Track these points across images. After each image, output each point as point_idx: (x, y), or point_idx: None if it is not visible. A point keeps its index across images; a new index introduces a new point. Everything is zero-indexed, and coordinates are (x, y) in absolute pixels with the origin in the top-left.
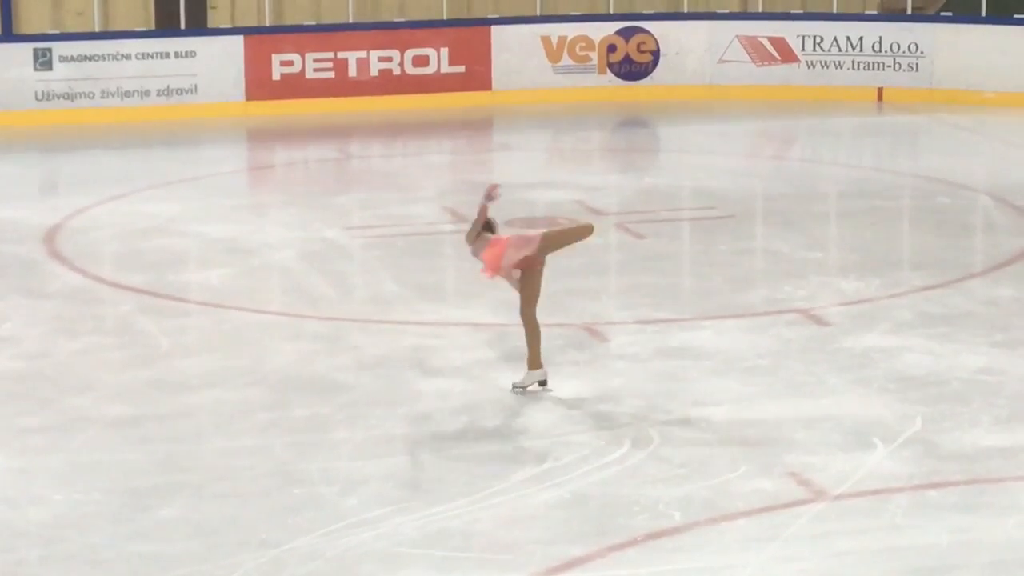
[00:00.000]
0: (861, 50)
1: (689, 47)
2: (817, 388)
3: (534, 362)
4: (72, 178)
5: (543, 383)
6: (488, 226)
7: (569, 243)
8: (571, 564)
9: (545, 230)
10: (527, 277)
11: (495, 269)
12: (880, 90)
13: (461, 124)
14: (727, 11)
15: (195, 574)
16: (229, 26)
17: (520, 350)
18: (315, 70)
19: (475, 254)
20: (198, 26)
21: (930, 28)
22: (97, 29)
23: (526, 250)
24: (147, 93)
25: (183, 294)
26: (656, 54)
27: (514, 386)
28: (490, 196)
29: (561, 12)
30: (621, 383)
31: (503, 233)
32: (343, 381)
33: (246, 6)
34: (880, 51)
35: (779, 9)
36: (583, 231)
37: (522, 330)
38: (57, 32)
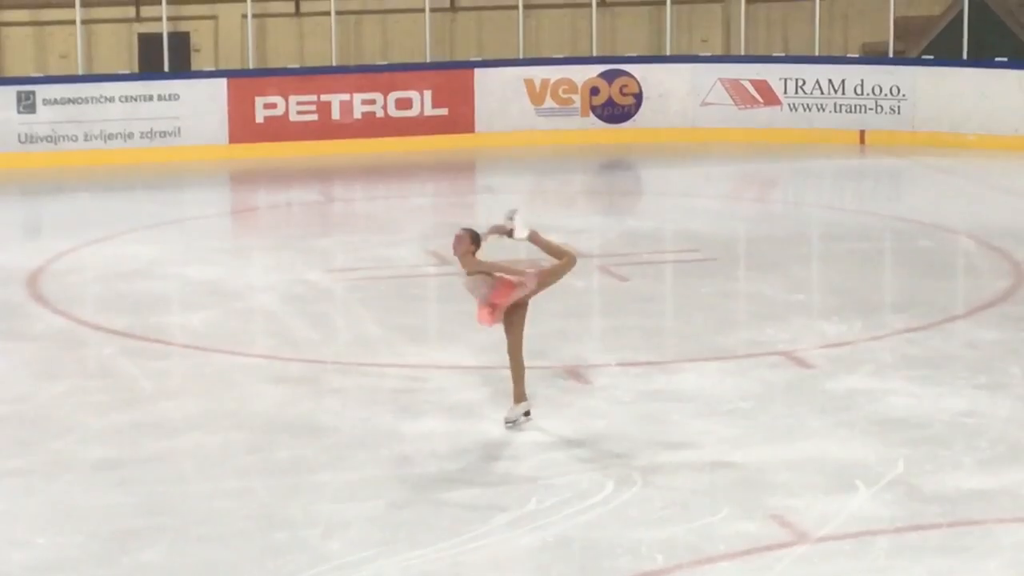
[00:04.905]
0: (843, 93)
1: (671, 90)
2: (799, 430)
3: (520, 396)
4: (55, 221)
5: (527, 413)
6: (475, 239)
7: (560, 278)
8: None
9: (538, 269)
10: (518, 315)
11: (494, 319)
12: (862, 133)
13: (444, 167)
14: (709, 54)
15: None
16: (212, 69)
17: (502, 391)
18: (298, 113)
19: (472, 288)
20: (181, 69)
21: (911, 71)
22: (81, 72)
23: (523, 291)
24: (130, 136)
25: (165, 337)
26: (639, 97)
27: (506, 421)
28: (510, 218)
29: (544, 55)
30: (604, 425)
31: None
32: (326, 424)
33: (229, 49)
34: (862, 94)
35: (761, 52)
36: (569, 263)
37: (506, 369)
38: (41, 75)
